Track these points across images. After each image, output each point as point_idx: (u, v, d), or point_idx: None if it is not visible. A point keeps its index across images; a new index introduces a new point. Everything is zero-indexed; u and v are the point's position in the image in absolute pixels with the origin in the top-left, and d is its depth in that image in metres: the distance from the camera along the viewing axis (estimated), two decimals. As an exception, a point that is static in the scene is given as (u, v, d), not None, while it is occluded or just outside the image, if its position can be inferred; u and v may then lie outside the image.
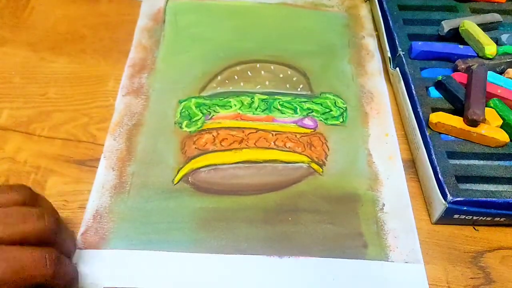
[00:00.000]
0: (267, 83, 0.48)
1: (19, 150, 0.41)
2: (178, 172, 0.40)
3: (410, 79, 0.44)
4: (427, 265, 0.36)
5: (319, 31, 0.54)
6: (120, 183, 0.39)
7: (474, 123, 0.39)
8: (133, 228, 0.37)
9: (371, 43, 0.53)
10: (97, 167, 0.40)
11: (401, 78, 0.46)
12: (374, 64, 0.50)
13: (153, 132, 0.43)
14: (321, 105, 0.46)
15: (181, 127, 0.44)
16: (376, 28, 0.54)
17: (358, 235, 0.37)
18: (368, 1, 0.57)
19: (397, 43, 0.48)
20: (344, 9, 0.57)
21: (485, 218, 0.37)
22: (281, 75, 0.49)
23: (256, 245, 0.36)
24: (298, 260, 0.36)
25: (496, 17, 0.49)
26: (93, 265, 0.35)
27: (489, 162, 0.40)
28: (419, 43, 0.46)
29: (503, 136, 0.40)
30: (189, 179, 0.40)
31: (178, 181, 0.40)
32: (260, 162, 0.41)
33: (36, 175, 0.40)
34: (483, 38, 0.45)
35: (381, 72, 0.50)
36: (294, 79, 0.48)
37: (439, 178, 0.37)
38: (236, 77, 0.48)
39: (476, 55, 0.46)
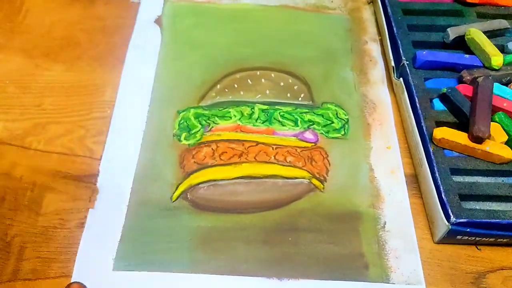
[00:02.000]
0: (267, 92, 0.47)
1: (15, 165, 0.41)
2: (176, 188, 0.40)
3: (414, 91, 0.43)
4: (428, 287, 0.36)
5: (321, 35, 0.53)
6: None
7: (479, 140, 0.39)
8: (131, 249, 0.36)
9: (374, 49, 0.52)
10: (94, 183, 0.40)
11: (404, 89, 0.45)
12: (377, 72, 0.49)
13: (152, 146, 0.42)
14: (323, 116, 0.45)
15: (179, 140, 0.43)
16: (380, 33, 0.53)
17: (359, 255, 0.37)
18: (371, 3, 0.56)
19: (401, 51, 0.47)
20: (347, 12, 0.55)
21: (488, 238, 0.37)
22: (281, 84, 0.48)
23: (255, 266, 0.36)
24: (298, 282, 0.35)
25: (503, 23, 0.48)
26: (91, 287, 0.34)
27: (493, 179, 0.39)
28: (424, 52, 0.45)
29: (508, 153, 0.39)
30: (188, 196, 0.39)
31: (177, 198, 0.39)
32: (260, 178, 0.41)
33: (32, 192, 0.39)
34: (490, 48, 0.44)
35: (384, 80, 0.49)
36: (295, 87, 0.47)
37: (442, 197, 0.37)
38: (235, 85, 0.47)
39: (482, 65, 0.45)
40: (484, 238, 0.37)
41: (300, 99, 0.47)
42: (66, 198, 0.39)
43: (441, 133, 0.40)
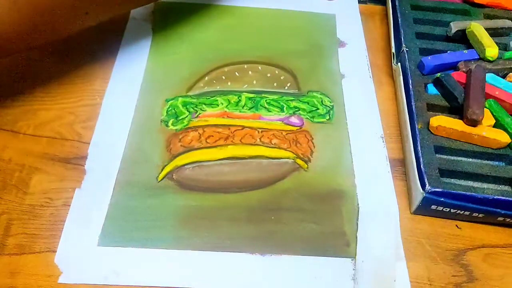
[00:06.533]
0: (254, 82, 0.48)
1: (4, 148, 0.42)
2: (162, 170, 0.41)
3: (409, 74, 0.45)
4: (409, 263, 0.36)
5: (308, 30, 0.54)
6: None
7: (473, 122, 0.40)
8: (116, 226, 0.37)
9: (359, 43, 0.53)
10: (82, 165, 0.41)
11: (401, 72, 0.46)
12: (362, 64, 0.51)
13: (140, 131, 0.43)
14: (308, 103, 0.46)
15: (167, 126, 0.44)
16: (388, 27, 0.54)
17: (340, 234, 0.37)
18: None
19: (402, 39, 0.49)
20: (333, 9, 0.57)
21: (463, 212, 0.38)
22: (268, 75, 0.49)
23: (238, 243, 0.37)
24: (280, 258, 0.36)
25: (508, 23, 0.49)
26: (76, 262, 0.35)
27: (476, 160, 0.40)
28: (429, 57, 0.46)
29: (504, 137, 0.40)
30: (174, 176, 0.40)
31: (162, 178, 0.40)
32: (246, 158, 0.42)
33: (20, 172, 0.40)
34: (486, 40, 0.46)
35: (369, 72, 0.50)
36: (282, 78, 0.49)
37: (421, 168, 0.38)
38: (223, 77, 0.49)
39: (478, 57, 0.46)
40: (459, 211, 0.37)
41: (286, 88, 0.48)
42: (53, 179, 0.40)
43: (437, 121, 0.41)
